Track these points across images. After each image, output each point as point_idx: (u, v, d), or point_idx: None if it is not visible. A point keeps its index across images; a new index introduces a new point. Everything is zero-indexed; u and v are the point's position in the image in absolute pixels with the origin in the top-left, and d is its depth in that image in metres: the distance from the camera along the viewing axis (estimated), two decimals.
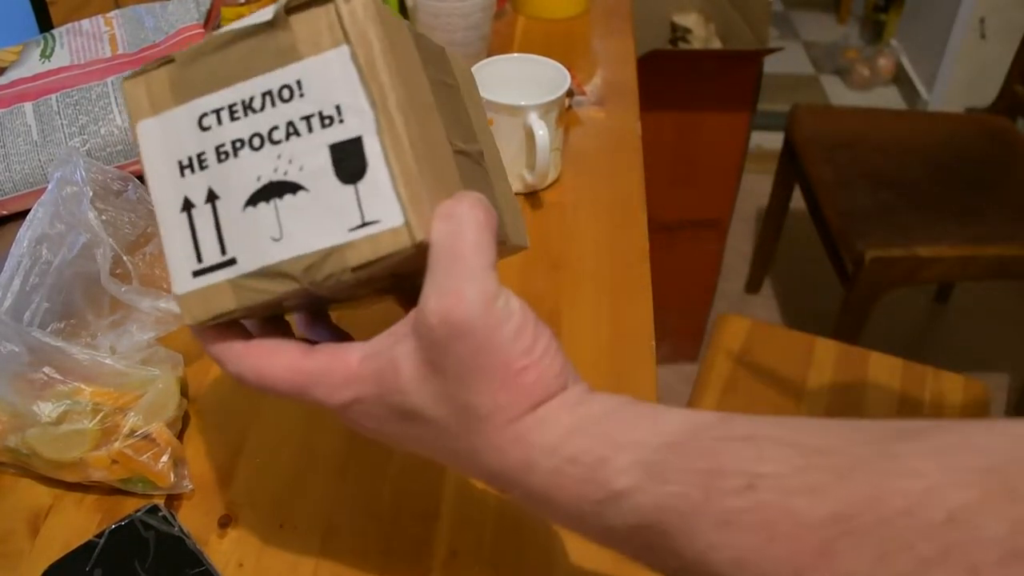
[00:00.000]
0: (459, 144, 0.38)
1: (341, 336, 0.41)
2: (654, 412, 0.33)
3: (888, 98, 2.77)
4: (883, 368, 1.19)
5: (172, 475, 0.50)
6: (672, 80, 1.45)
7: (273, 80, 0.32)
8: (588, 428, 0.33)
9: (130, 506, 0.50)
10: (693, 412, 0.33)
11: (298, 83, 0.32)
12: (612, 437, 0.32)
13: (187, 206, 0.34)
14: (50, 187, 0.55)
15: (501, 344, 0.32)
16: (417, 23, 0.93)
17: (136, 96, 0.35)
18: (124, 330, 0.55)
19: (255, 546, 0.49)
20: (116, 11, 0.79)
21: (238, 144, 0.33)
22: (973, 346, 1.90)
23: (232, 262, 0.33)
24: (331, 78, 0.32)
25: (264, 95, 0.32)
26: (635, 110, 0.89)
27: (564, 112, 0.76)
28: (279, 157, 0.32)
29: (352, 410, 0.35)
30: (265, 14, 0.32)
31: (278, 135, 0.32)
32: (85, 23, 0.78)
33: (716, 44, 1.73)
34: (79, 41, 0.77)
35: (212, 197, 0.33)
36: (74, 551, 0.47)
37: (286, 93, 0.32)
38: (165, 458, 0.50)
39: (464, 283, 0.31)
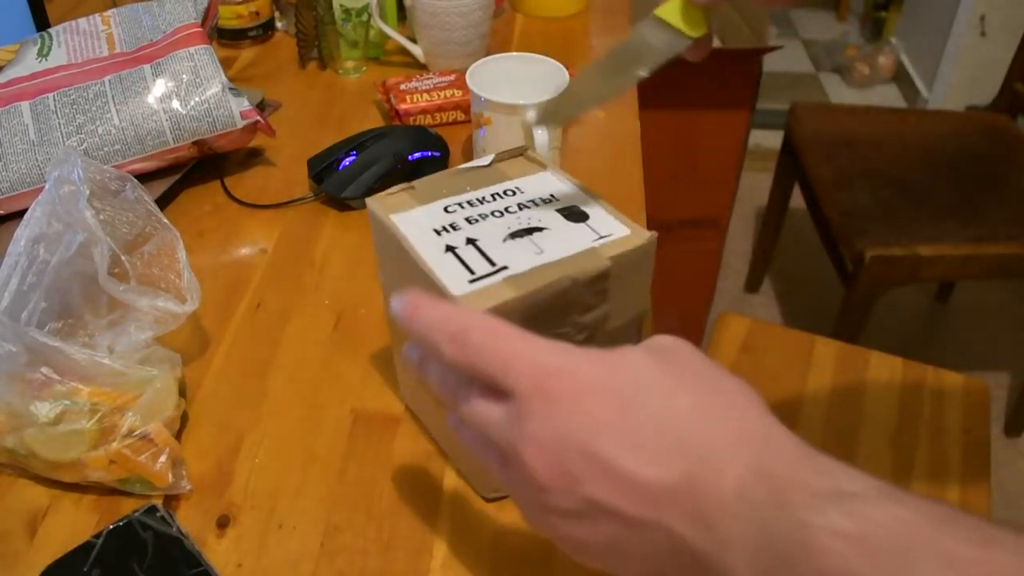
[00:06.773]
0: None
1: None
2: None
3: (888, 96, 2.77)
4: (883, 367, 1.19)
5: (170, 475, 0.50)
6: (671, 78, 1.44)
7: (497, 188, 0.49)
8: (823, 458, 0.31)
9: (128, 506, 0.49)
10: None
11: (517, 187, 0.50)
12: (849, 469, 0.31)
13: (450, 248, 0.45)
14: (47, 186, 0.55)
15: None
16: (415, 22, 0.93)
17: (380, 205, 0.48)
18: (122, 330, 0.54)
19: (254, 546, 0.49)
20: (113, 10, 0.79)
21: (483, 215, 0.47)
22: (974, 345, 1.90)
23: (504, 268, 0.43)
24: (540, 184, 0.50)
25: (493, 194, 0.49)
26: (634, 109, 0.89)
27: None
28: (518, 219, 0.47)
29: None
30: (483, 161, 0.51)
31: (513, 209, 0.47)
32: (82, 22, 0.78)
33: (715, 42, 1.73)
34: (76, 40, 0.76)
35: (471, 241, 0.45)
36: (72, 552, 0.47)
37: (510, 193, 0.49)
38: (163, 458, 0.49)
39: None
